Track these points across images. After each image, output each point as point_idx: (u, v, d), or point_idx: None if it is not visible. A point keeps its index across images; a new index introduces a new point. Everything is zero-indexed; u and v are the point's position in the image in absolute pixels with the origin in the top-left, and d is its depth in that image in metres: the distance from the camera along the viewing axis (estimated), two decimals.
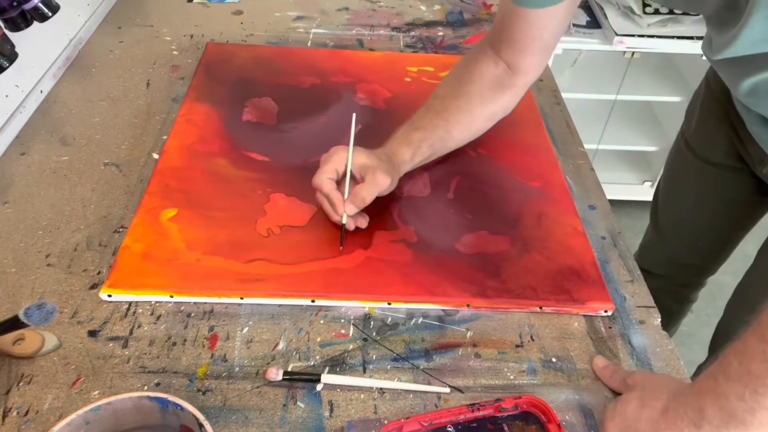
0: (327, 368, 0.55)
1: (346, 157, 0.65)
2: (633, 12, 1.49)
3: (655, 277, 0.65)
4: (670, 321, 0.76)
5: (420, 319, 0.60)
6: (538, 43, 0.69)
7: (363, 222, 0.66)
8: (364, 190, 0.63)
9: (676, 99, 1.64)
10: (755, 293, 0.86)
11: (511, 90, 0.72)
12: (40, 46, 0.84)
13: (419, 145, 0.69)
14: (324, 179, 0.64)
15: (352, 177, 0.65)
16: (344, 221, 0.63)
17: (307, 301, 0.60)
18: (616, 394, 0.54)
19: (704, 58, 0.70)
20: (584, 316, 0.61)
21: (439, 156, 0.73)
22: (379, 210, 0.69)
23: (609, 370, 0.55)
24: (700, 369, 1.01)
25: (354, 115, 0.71)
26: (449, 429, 0.51)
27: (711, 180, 0.86)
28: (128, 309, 0.59)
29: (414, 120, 0.71)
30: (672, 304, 1.08)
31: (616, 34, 1.47)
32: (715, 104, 0.81)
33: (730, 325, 0.95)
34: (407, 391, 0.54)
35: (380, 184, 0.63)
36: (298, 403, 0.52)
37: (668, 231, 0.98)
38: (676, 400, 0.47)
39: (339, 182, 0.65)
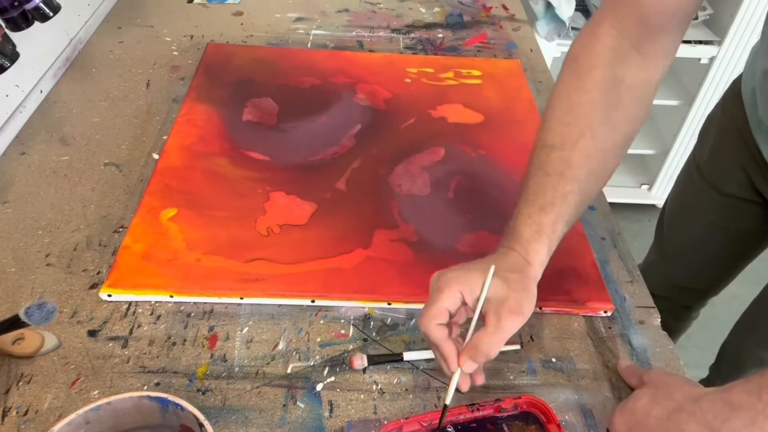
0: (327, 369, 0.55)
1: (461, 294, 0.47)
2: None
3: (657, 298, 0.63)
4: (669, 336, 0.75)
5: None
6: (686, 6, 0.51)
7: (480, 379, 0.49)
8: (486, 341, 0.46)
9: (674, 103, 1.64)
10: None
11: (643, 92, 0.53)
12: (41, 46, 0.84)
13: (553, 230, 0.50)
14: (431, 325, 0.47)
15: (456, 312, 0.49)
16: (453, 384, 0.47)
17: (307, 301, 0.60)
18: (619, 393, 0.54)
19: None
20: (584, 316, 0.61)
21: (579, 217, 0.55)
22: (379, 208, 0.69)
23: (631, 369, 0.55)
24: (702, 384, 1.00)
25: (492, 267, 0.48)
26: (449, 429, 0.51)
27: (722, 210, 0.83)
28: (128, 309, 0.59)
29: (532, 196, 0.51)
30: (672, 322, 1.07)
31: None
32: (732, 132, 0.76)
33: (737, 351, 0.94)
34: (407, 390, 0.54)
35: (507, 329, 0.46)
36: (298, 403, 0.52)
37: (673, 255, 0.97)
38: (694, 404, 0.45)
39: (451, 319, 0.49)
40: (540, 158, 0.52)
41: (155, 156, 0.75)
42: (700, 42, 1.49)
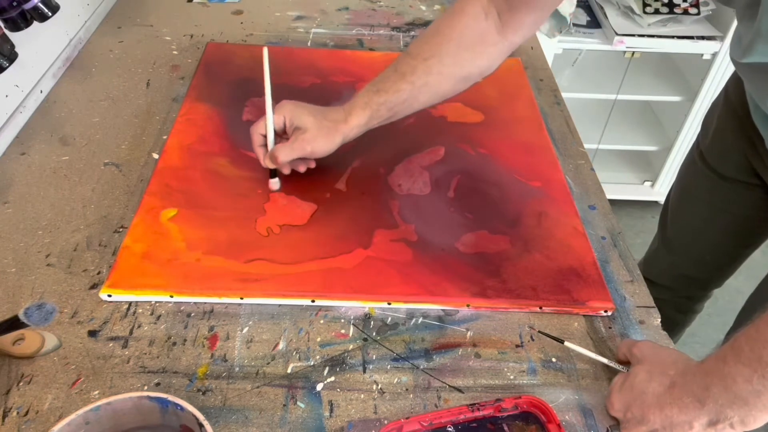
0: (327, 368, 0.55)
1: (284, 118, 0.68)
2: (633, 12, 1.49)
3: (660, 287, 0.65)
4: (672, 331, 0.74)
5: (420, 319, 0.60)
6: None
7: (302, 167, 0.71)
8: (280, 150, 0.66)
9: (676, 99, 1.64)
10: None
11: (493, 48, 0.67)
12: (40, 46, 0.84)
13: (378, 108, 0.67)
14: (255, 133, 0.68)
15: (284, 132, 0.69)
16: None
17: (307, 301, 0.60)
18: None
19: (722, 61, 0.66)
20: (584, 316, 0.61)
21: (403, 117, 0.70)
22: (379, 208, 0.69)
23: (623, 342, 0.56)
24: None
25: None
26: (449, 429, 0.51)
27: (723, 195, 0.84)
28: (128, 309, 0.59)
29: (378, 81, 0.68)
30: (675, 314, 1.07)
31: (617, 34, 1.47)
32: (732, 117, 0.78)
33: None
34: (407, 390, 0.54)
35: (296, 150, 0.66)
36: (298, 403, 0.52)
37: (676, 243, 0.97)
38: (683, 377, 0.48)
39: (282, 132, 0.70)
40: (399, 59, 0.67)
41: (155, 156, 0.75)
42: (702, 37, 1.49)
